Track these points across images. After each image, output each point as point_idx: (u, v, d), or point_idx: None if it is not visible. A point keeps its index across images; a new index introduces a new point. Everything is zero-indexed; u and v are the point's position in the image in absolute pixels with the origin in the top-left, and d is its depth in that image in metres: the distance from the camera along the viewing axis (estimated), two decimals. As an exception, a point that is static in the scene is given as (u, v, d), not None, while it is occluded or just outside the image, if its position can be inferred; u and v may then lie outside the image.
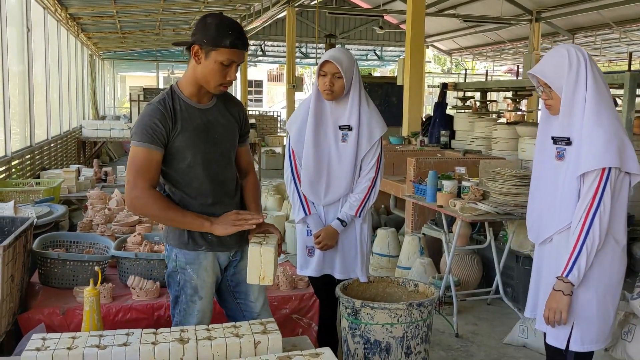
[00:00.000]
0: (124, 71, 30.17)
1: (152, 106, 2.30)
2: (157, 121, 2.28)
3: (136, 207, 2.33)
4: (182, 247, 2.44)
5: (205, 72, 2.31)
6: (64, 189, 6.04)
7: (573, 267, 2.29)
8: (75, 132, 11.47)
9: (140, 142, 2.26)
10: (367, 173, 3.19)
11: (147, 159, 2.28)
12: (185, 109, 2.35)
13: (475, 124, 7.34)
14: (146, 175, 2.28)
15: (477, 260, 5.08)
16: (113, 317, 2.97)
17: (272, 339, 2.27)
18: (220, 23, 2.28)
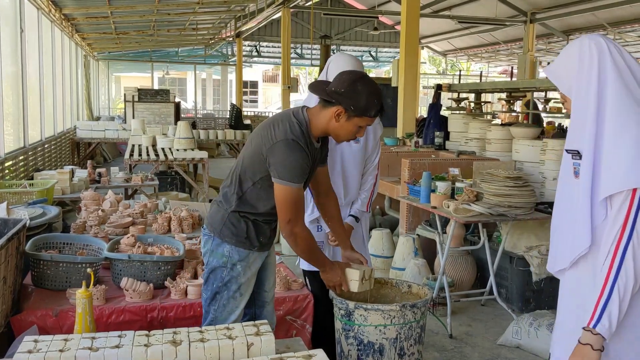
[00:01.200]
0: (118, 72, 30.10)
1: (302, 149, 2.40)
2: (307, 164, 2.45)
3: (299, 241, 2.50)
4: (239, 245, 2.57)
5: (340, 131, 2.46)
6: (57, 190, 6.02)
7: (602, 316, 1.78)
8: (70, 133, 11.44)
9: (298, 183, 2.40)
10: (372, 170, 3.41)
11: (302, 197, 2.47)
12: (312, 150, 2.50)
13: (470, 125, 7.35)
14: (303, 213, 2.50)
15: (471, 261, 5.09)
16: (106, 319, 2.96)
17: (265, 340, 2.27)
18: (371, 93, 2.40)
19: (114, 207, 4.99)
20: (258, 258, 2.65)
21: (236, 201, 2.56)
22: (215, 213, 2.63)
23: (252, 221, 2.57)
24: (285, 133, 2.41)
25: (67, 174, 6.26)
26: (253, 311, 2.81)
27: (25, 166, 6.91)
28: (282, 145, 2.39)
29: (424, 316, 2.91)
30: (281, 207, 2.45)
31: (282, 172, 2.40)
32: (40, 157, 8.02)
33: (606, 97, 1.87)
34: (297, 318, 3.27)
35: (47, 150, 8.50)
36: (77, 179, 6.68)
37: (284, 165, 2.39)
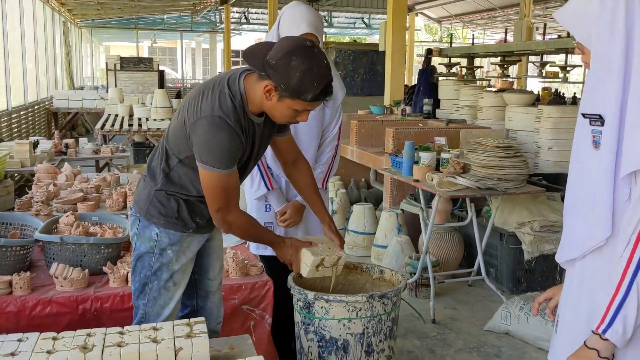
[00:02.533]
0: (106, 41, 29.40)
1: (230, 129, 1.98)
2: (237, 145, 2.03)
3: (234, 230, 2.17)
4: (169, 226, 2.17)
5: (274, 112, 2.05)
6: (15, 162, 5.59)
7: (615, 319, 1.45)
8: (46, 102, 10.94)
9: (226, 169, 2.01)
10: (330, 141, 2.99)
11: (234, 182, 2.08)
12: (249, 127, 2.09)
13: (461, 91, 6.93)
14: (236, 199, 2.12)
15: (457, 238, 4.71)
16: (29, 311, 2.56)
17: (197, 344, 1.88)
18: (308, 72, 1.90)
19: (69, 181, 4.57)
20: (195, 241, 2.25)
21: (162, 179, 2.14)
22: (142, 190, 2.22)
23: (184, 200, 2.16)
24: (212, 108, 1.97)
25: (27, 145, 5.83)
26: (195, 302, 2.42)
27: (-15, 137, 6.48)
28: (205, 123, 1.96)
29: (396, 307, 2.52)
30: (208, 194, 2.05)
31: (205, 155, 1.99)
32: (6, 127, 7.56)
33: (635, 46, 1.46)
34: (255, 307, 2.87)
35: (14, 120, 8.03)
36: (40, 150, 6.25)
37: (208, 148, 1.97)
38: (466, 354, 3.51)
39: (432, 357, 3.47)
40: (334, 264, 2.35)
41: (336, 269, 2.38)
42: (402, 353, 3.50)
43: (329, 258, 2.31)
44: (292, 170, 2.46)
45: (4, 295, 2.58)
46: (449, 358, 3.46)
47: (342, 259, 2.38)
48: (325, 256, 2.30)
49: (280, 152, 2.41)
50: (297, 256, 2.30)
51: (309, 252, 2.27)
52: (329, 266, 2.33)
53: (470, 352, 3.54)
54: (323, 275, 2.36)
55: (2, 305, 2.54)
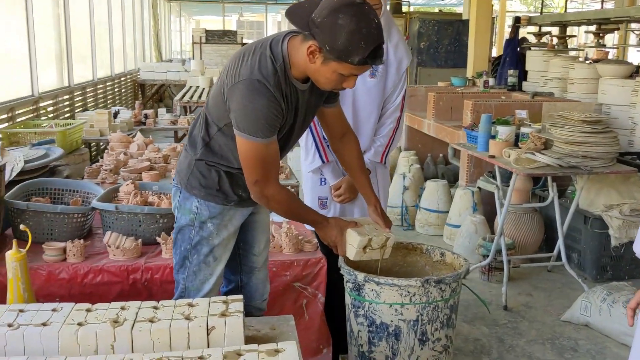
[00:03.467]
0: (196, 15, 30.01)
1: (269, 94, 1.82)
2: (277, 112, 1.87)
3: (272, 205, 2.03)
4: (209, 198, 2.07)
5: (318, 76, 1.87)
6: (94, 131, 5.73)
7: None
8: (133, 74, 11.27)
9: (264, 138, 1.87)
10: (393, 112, 2.77)
11: (273, 153, 1.93)
12: (292, 94, 1.93)
13: (550, 62, 6.44)
14: (275, 171, 1.98)
15: (537, 220, 4.37)
16: (81, 279, 2.56)
17: (231, 324, 1.77)
18: (355, 32, 1.73)
19: (141, 151, 4.62)
20: (237, 215, 2.13)
21: (202, 148, 2.03)
22: (183, 160, 2.12)
23: (225, 172, 2.04)
24: (252, 71, 1.81)
25: (106, 115, 5.95)
26: (239, 278, 2.32)
27: (71, 106, 6.69)
28: (243, 87, 1.81)
29: (456, 294, 2.31)
30: (245, 165, 1.91)
31: (242, 122, 1.84)
32: (92, 97, 7.81)
33: None
34: (308, 285, 2.75)
35: (100, 91, 8.29)
36: (120, 120, 6.38)
37: (245, 114, 1.82)
38: (538, 346, 3.24)
39: (500, 346, 3.23)
40: (382, 245, 2.16)
41: (384, 250, 2.19)
42: (468, 341, 3.28)
43: (376, 239, 2.13)
44: (339, 145, 2.29)
45: (58, 262, 2.59)
46: (518, 349, 3.20)
47: (390, 240, 2.19)
48: (373, 236, 2.12)
49: (327, 125, 2.24)
50: (342, 238, 2.13)
51: (355, 233, 2.10)
52: (377, 247, 2.15)
53: (543, 343, 3.27)
54: (371, 258, 2.18)
55: (55, 272, 2.55)
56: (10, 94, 5.18)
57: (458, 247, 4.51)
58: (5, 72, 5.34)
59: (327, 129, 2.27)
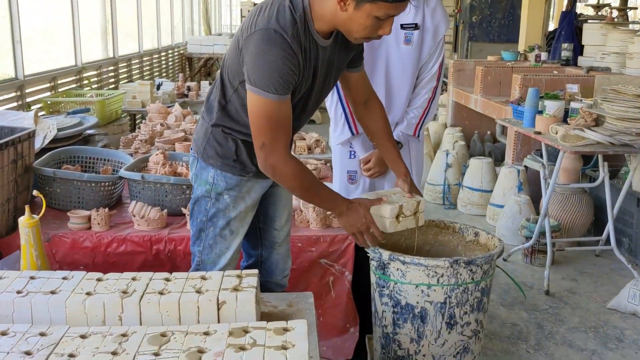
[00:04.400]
0: (247, -11, 29.96)
1: (286, 44, 1.68)
2: (293, 67, 1.71)
3: (279, 177, 1.85)
4: (226, 169, 1.96)
5: (351, 25, 1.72)
6: (136, 102, 5.74)
7: None
8: (180, 47, 11.30)
9: (276, 94, 1.71)
10: (428, 82, 2.59)
11: (284, 114, 1.76)
12: (311, 49, 1.78)
13: (609, 36, 6.07)
14: (285, 137, 1.79)
15: (586, 201, 4.13)
16: (105, 248, 2.53)
17: (242, 299, 1.69)
18: None
19: (178, 122, 4.59)
20: (256, 187, 2.02)
21: (218, 112, 1.92)
22: (200, 127, 2.03)
23: (242, 140, 1.94)
24: (269, 21, 1.67)
25: (148, 86, 5.95)
26: (259, 253, 2.23)
27: (115, 77, 6.74)
28: (258, 37, 1.67)
29: (488, 276, 2.17)
30: (253, 125, 1.77)
31: (254, 74, 1.70)
32: (138, 69, 7.86)
33: None
34: (335, 262, 2.65)
35: (146, 63, 8.33)
36: (162, 92, 6.38)
37: (257, 66, 1.68)
38: (581, 334, 3.06)
39: (538, 333, 3.07)
40: (414, 210, 2.03)
41: (418, 217, 2.06)
42: (505, 325, 3.13)
43: (407, 204, 2.00)
44: (363, 112, 2.14)
45: (82, 231, 2.57)
46: (558, 336, 3.04)
47: (422, 204, 2.05)
48: (403, 203, 1.99)
49: (350, 90, 2.10)
50: (371, 215, 1.97)
51: (385, 203, 1.97)
52: (409, 214, 2.02)
53: (586, 331, 3.09)
54: (406, 227, 2.05)
55: (79, 240, 2.53)
56: (54, 64, 5.23)
57: (501, 227, 4.33)
58: (49, 44, 5.39)
59: (351, 95, 2.13)
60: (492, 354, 2.86)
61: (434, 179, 5.19)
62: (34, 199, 2.88)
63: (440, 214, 4.93)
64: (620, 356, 2.86)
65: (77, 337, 1.49)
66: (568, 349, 2.91)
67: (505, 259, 3.95)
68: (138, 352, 1.42)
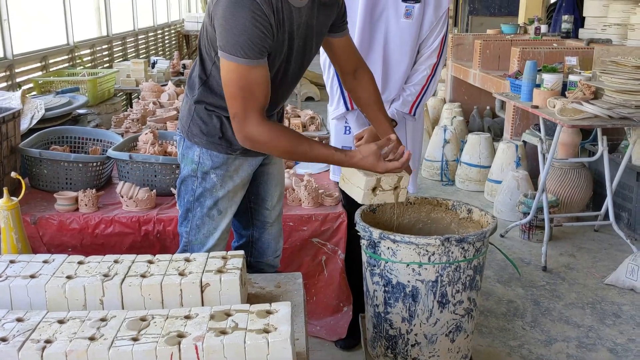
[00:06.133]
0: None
1: (255, 5, 1.61)
2: (264, 29, 1.63)
3: (257, 145, 1.76)
4: (211, 147, 1.90)
5: None
6: (130, 81, 5.66)
7: None
8: (177, 25, 11.16)
9: (246, 58, 1.64)
10: (428, 58, 2.49)
11: (257, 79, 1.67)
12: (285, 9, 1.71)
13: (610, 7, 5.94)
14: (258, 104, 1.71)
15: (585, 176, 4.07)
16: (92, 229, 2.50)
17: (226, 281, 1.65)
18: None
19: (171, 100, 4.52)
20: (245, 165, 1.96)
21: (200, 87, 1.86)
22: (184, 106, 1.98)
23: (227, 117, 1.88)
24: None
25: (142, 64, 5.87)
26: (251, 233, 2.19)
27: (110, 56, 6.65)
28: (226, 0, 1.61)
29: (480, 254, 2.12)
30: (226, 93, 1.71)
31: (223, 39, 1.64)
32: (133, 47, 7.75)
33: None
34: (327, 242, 2.61)
35: (142, 41, 8.22)
36: (157, 70, 6.30)
37: (226, 30, 1.62)
38: (577, 310, 3.03)
39: (535, 309, 3.04)
40: (395, 185, 1.96)
41: (399, 192, 1.98)
42: (501, 302, 3.10)
43: (387, 179, 1.92)
44: (352, 81, 2.08)
45: (70, 212, 2.53)
46: (555, 313, 3.00)
47: (404, 180, 1.97)
48: (383, 176, 1.91)
49: (336, 59, 2.03)
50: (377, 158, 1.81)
51: (361, 173, 1.90)
52: (388, 189, 1.95)
53: (582, 307, 3.06)
54: (384, 201, 1.98)
55: (66, 222, 2.50)
56: (45, 43, 5.14)
57: (498, 203, 4.29)
58: (40, 22, 5.30)
59: (337, 64, 2.06)
60: (487, 331, 2.84)
61: (432, 155, 5.13)
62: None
63: (438, 191, 4.88)
64: (617, 332, 2.83)
65: (55, 322, 1.45)
66: (565, 326, 2.88)
67: (502, 235, 3.91)
68: (116, 337, 1.37)
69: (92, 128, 3.30)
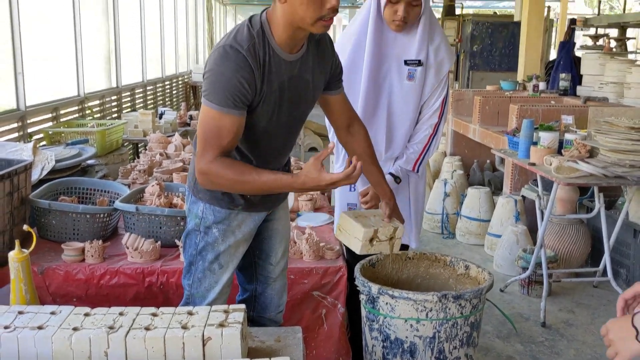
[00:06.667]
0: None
1: (239, 58, 1.71)
2: (244, 81, 1.72)
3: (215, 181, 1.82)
4: (214, 202, 1.98)
5: (295, 10, 1.71)
6: (138, 131, 5.79)
7: None
8: (184, 76, 11.42)
9: (219, 105, 1.73)
10: (429, 118, 2.60)
11: (225, 126, 1.75)
12: (274, 62, 1.79)
13: (606, 66, 6.12)
14: (218, 148, 1.77)
15: (584, 232, 4.12)
16: (97, 280, 2.55)
17: (227, 335, 1.69)
18: None
19: (178, 152, 4.63)
20: (248, 221, 2.03)
21: None
22: (191, 163, 2.07)
23: None
24: (227, 39, 1.76)
25: (150, 115, 6.01)
26: (254, 288, 2.24)
27: (119, 107, 6.81)
28: (216, 53, 1.75)
29: (477, 311, 2.17)
30: (197, 132, 1.82)
31: (205, 85, 1.77)
32: (141, 98, 7.94)
33: None
34: (327, 295, 2.65)
35: (150, 93, 8.42)
36: (164, 121, 6.44)
37: (208, 78, 1.75)
38: (577, 367, 3.05)
39: (534, 366, 3.05)
40: (390, 236, 2.04)
41: (393, 243, 2.07)
42: (500, 358, 3.11)
43: (383, 229, 2.01)
44: (347, 136, 2.17)
45: (76, 263, 2.59)
46: (554, 369, 3.02)
47: (399, 230, 2.06)
48: (379, 227, 2.00)
49: (331, 114, 2.13)
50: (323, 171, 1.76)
51: (360, 224, 1.98)
52: (384, 239, 2.03)
53: (582, 364, 3.07)
54: (380, 251, 2.07)
55: (72, 273, 2.55)
56: (56, 94, 5.30)
57: (498, 257, 4.33)
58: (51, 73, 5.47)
59: (332, 119, 2.15)
60: (486, 388, 2.84)
61: (433, 207, 5.20)
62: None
63: (438, 243, 4.93)
64: (616, 390, 2.83)
65: (61, 375, 1.50)
66: (564, 383, 2.89)
67: (502, 289, 3.94)
68: (120, 390, 1.42)
69: (99, 179, 3.39)
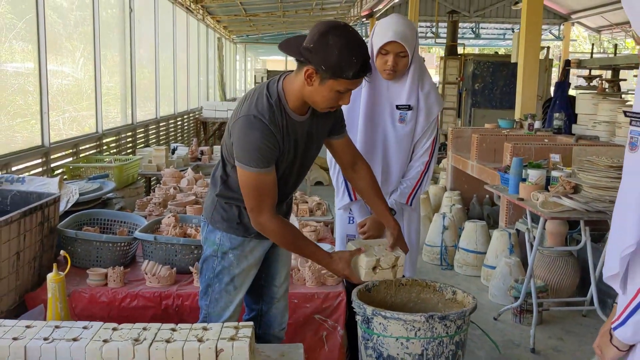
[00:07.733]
0: (262, 55, 31.02)
1: (264, 127, 2.03)
2: (270, 145, 2.06)
3: (268, 233, 2.19)
4: (231, 231, 2.28)
5: (316, 97, 2.06)
6: (152, 166, 6.10)
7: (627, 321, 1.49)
8: (195, 112, 11.81)
9: (257, 168, 2.07)
10: (421, 156, 2.88)
11: (268, 182, 2.11)
12: (290, 124, 2.13)
13: (599, 106, 6.41)
14: (270, 201, 2.13)
15: (573, 264, 4.35)
16: (119, 302, 2.81)
17: (237, 347, 1.95)
18: (345, 48, 1.95)
19: (190, 185, 4.91)
20: (258, 247, 2.32)
21: (221, 185, 2.25)
22: (208, 197, 2.35)
23: (244, 207, 2.24)
24: (249, 108, 2.06)
25: (163, 151, 6.32)
26: (260, 307, 2.50)
27: (133, 142, 7.14)
28: (241, 122, 2.05)
29: (462, 331, 2.40)
30: (243, 193, 2.13)
31: (239, 153, 2.07)
32: (154, 134, 8.28)
33: None
34: (328, 318, 2.89)
35: (162, 128, 8.77)
36: (176, 156, 6.75)
37: (242, 146, 2.05)
38: (562, 390, 3.25)
39: (522, 388, 3.25)
40: (392, 264, 2.31)
41: (396, 270, 2.33)
42: (490, 381, 3.32)
43: (385, 258, 2.29)
44: (352, 173, 2.46)
45: (100, 287, 2.85)
46: (540, 392, 3.22)
47: (401, 259, 2.33)
48: (381, 257, 2.27)
49: (337, 155, 2.42)
50: (350, 269, 2.27)
51: (363, 255, 2.26)
52: (387, 267, 2.30)
53: (567, 388, 3.27)
54: (384, 278, 2.34)
55: (97, 296, 2.81)
56: (78, 131, 5.64)
57: (493, 288, 4.55)
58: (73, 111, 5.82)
59: (338, 159, 2.45)
60: (476, 408, 3.05)
61: (432, 240, 5.44)
62: (57, 257, 3.18)
63: (437, 274, 5.15)
64: (598, 411, 3.02)
65: (95, 379, 1.75)
66: (549, 404, 3.09)
67: (496, 318, 4.15)
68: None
69: (118, 211, 3.67)
